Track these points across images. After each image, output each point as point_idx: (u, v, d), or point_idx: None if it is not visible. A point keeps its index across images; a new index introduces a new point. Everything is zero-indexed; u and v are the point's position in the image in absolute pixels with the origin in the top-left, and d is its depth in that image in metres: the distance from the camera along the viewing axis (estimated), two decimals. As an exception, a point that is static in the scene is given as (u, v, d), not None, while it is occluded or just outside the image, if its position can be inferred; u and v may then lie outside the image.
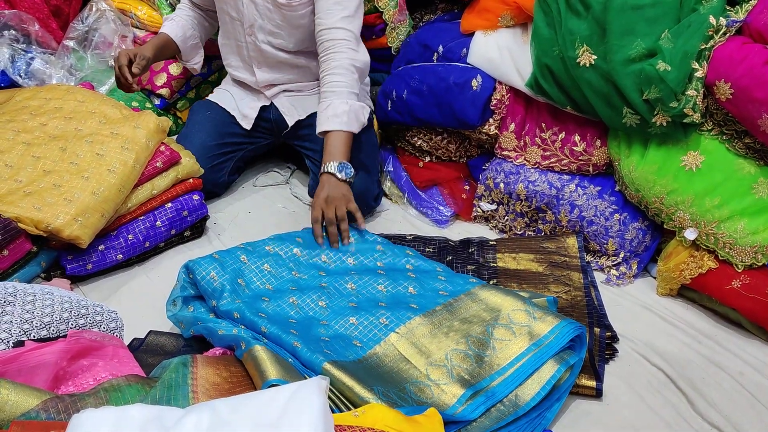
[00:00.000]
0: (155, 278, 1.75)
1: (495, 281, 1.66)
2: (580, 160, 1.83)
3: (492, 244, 1.80)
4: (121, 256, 1.72)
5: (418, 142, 2.11)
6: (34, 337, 1.20)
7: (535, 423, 1.26)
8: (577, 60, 1.67)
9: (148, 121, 1.79)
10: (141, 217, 1.76)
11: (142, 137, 1.75)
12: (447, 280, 1.54)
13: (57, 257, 1.67)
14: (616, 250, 1.77)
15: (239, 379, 1.24)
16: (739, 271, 1.56)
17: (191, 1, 2.08)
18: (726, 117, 1.60)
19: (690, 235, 1.63)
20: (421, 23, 2.23)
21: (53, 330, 1.22)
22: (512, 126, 1.91)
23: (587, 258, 1.80)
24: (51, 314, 1.24)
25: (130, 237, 1.73)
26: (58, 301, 1.27)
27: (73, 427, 0.88)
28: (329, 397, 1.17)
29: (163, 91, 2.24)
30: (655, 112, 1.61)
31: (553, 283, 1.64)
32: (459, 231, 1.98)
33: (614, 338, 1.54)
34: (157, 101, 2.26)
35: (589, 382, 1.38)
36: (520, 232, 1.95)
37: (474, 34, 1.94)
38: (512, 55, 1.85)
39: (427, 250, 1.79)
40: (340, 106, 1.74)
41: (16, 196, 1.61)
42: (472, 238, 1.85)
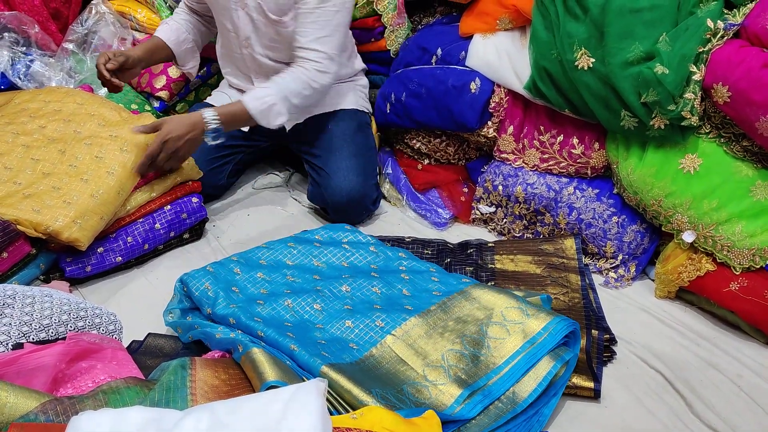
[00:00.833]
0: (154, 280, 1.75)
1: (493, 283, 1.66)
2: (579, 163, 1.83)
3: (490, 246, 1.80)
4: (120, 258, 1.73)
5: (417, 145, 2.11)
6: (33, 339, 1.20)
7: (532, 420, 1.27)
8: (576, 63, 1.68)
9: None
10: (140, 220, 1.76)
11: (142, 140, 1.75)
12: (440, 280, 1.54)
13: (56, 259, 1.67)
14: (615, 252, 1.78)
15: (238, 382, 1.24)
16: (737, 273, 1.57)
17: (188, 6, 2.08)
18: (724, 120, 1.60)
19: (688, 237, 1.63)
20: (419, 26, 2.23)
21: (52, 332, 1.22)
22: (511, 129, 1.91)
23: (586, 260, 1.80)
24: (50, 316, 1.24)
25: (129, 239, 1.73)
26: (57, 304, 1.27)
27: (72, 430, 0.89)
28: (327, 400, 1.17)
29: (163, 94, 2.24)
30: (653, 115, 1.62)
31: (551, 285, 1.64)
32: (458, 233, 1.98)
33: (612, 340, 1.54)
34: (157, 104, 2.27)
35: (587, 383, 1.38)
36: (518, 235, 1.95)
37: (472, 37, 1.94)
38: (510, 58, 1.86)
39: (426, 253, 1.79)
40: (269, 97, 1.79)
41: (15, 199, 1.62)
42: (470, 240, 1.85)
